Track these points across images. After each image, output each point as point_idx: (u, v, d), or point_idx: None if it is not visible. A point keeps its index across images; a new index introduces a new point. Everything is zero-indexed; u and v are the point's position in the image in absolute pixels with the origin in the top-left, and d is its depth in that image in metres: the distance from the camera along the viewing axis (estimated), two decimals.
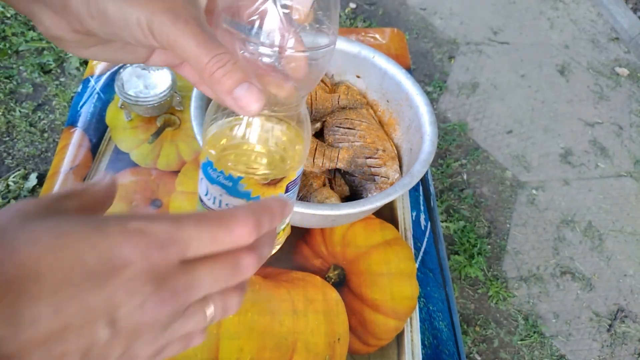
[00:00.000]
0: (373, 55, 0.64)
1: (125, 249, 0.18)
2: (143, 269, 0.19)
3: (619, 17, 2.24)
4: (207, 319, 0.22)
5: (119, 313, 0.18)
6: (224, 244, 0.21)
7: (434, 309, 0.57)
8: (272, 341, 0.52)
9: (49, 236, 0.17)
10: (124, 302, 0.18)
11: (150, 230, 0.19)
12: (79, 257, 0.17)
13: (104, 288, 0.18)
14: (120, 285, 0.18)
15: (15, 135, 1.48)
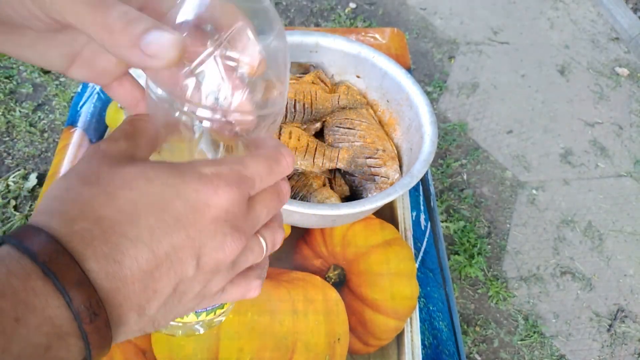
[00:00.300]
0: (373, 55, 0.64)
1: (204, 194, 0.20)
2: (221, 211, 0.20)
3: (619, 17, 2.24)
4: (263, 251, 0.24)
5: (203, 252, 0.20)
6: (277, 174, 0.24)
7: (434, 309, 0.57)
8: (272, 341, 0.52)
9: (139, 182, 0.19)
10: (207, 243, 0.20)
11: (222, 173, 0.21)
12: (167, 203, 0.19)
13: (190, 230, 0.19)
14: (204, 227, 0.20)
15: (15, 135, 1.48)
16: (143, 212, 0.19)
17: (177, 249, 0.19)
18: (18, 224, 1.28)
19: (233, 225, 0.21)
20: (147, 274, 0.19)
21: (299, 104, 0.61)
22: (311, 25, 1.98)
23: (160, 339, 0.51)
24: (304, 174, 0.58)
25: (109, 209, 0.18)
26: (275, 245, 0.25)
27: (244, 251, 0.23)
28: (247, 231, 0.22)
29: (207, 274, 0.21)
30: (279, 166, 0.24)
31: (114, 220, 0.18)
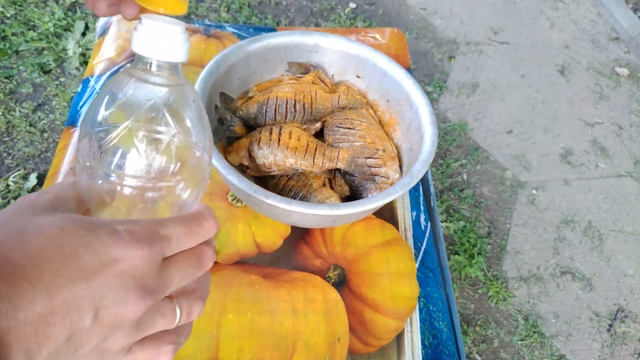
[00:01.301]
0: (373, 55, 0.64)
1: (115, 248, 0.20)
2: (128, 266, 0.21)
3: (619, 17, 2.24)
4: (175, 318, 0.24)
5: (103, 304, 0.20)
6: (198, 236, 0.24)
7: (434, 309, 0.57)
8: (272, 341, 0.52)
9: (52, 231, 0.20)
10: (108, 296, 0.20)
11: (136, 231, 0.21)
12: (74, 252, 0.20)
13: (92, 282, 0.20)
14: (108, 280, 0.20)
15: (15, 135, 1.48)
16: (49, 258, 0.19)
17: (76, 298, 0.19)
18: None
19: (139, 282, 0.21)
20: (41, 318, 0.18)
21: (299, 104, 0.61)
22: (311, 25, 1.98)
23: None
24: (304, 174, 0.58)
25: (16, 252, 0.19)
26: (190, 315, 0.25)
27: (152, 313, 0.22)
28: (156, 292, 0.22)
29: (106, 328, 0.21)
30: (200, 228, 0.24)
31: (18, 263, 0.19)
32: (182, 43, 0.25)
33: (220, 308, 0.53)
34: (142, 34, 0.24)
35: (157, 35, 0.24)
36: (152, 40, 0.24)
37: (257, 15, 1.97)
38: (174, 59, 0.25)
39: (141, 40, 0.24)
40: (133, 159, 0.23)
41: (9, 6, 1.77)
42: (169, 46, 0.24)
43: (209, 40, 0.82)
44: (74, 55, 1.66)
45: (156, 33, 0.24)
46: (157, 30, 0.24)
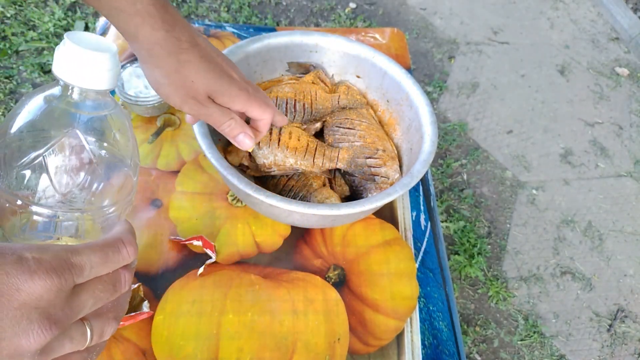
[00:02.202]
0: (373, 55, 0.64)
1: (17, 278, 0.19)
2: (32, 297, 0.19)
3: (619, 17, 2.24)
4: (86, 340, 0.23)
5: (2, 336, 0.19)
6: (114, 263, 0.23)
7: (434, 309, 0.57)
8: (272, 341, 0.52)
9: None
10: (7, 328, 0.19)
11: (44, 259, 0.20)
12: None
13: None
14: (8, 311, 0.19)
15: None
16: None
17: None
18: None
19: (43, 313, 0.20)
20: None
21: (299, 104, 0.61)
22: (311, 25, 1.98)
23: (160, 338, 0.51)
24: (304, 174, 0.58)
25: None
26: (102, 336, 0.24)
27: (60, 338, 0.22)
28: (63, 320, 0.21)
29: (5, 358, 0.20)
30: (117, 255, 0.23)
31: None
32: (108, 70, 0.23)
33: (220, 308, 0.53)
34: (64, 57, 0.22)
35: (80, 61, 0.22)
36: (74, 66, 0.22)
37: (257, 15, 1.97)
38: (98, 87, 0.23)
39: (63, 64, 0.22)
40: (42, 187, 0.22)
41: (9, 6, 1.77)
42: (93, 73, 0.22)
43: (209, 40, 0.82)
44: None
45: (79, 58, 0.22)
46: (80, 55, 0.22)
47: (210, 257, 0.57)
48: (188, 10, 1.90)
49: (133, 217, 0.60)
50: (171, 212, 0.61)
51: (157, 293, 0.54)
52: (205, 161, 0.66)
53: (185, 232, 0.59)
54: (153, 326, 0.51)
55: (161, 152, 0.67)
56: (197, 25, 0.85)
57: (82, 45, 0.22)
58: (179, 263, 0.57)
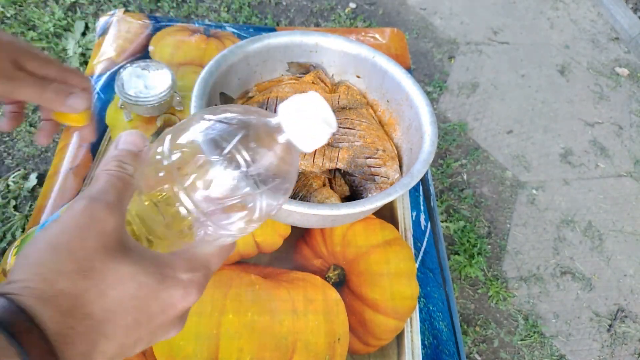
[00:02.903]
0: (373, 55, 0.64)
1: (176, 298, 0.23)
2: (183, 310, 0.24)
3: (619, 17, 2.24)
4: None
5: (154, 341, 0.23)
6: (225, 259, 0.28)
7: (434, 309, 0.57)
8: (272, 341, 0.52)
9: (130, 285, 0.21)
10: (160, 336, 0.24)
11: (195, 280, 0.24)
12: (146, 305, 0.22)
13: (154, 326, 0.23)
14: (165, 324, 0.23)
15: (15, 135, 1.48)
16: (125, 311, 0.21)
17: (138, 341, 0.22)
18: (18, 224, 1.28)
19: (183, 317, 0.25)
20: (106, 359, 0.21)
21: None
22: (311, 25, 1.98)
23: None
24: (304, 174, 0.58)
25: (97, 306, 0.20)
26: None
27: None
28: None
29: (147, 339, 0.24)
30: (229, 252, 0.27)
31: (98, 319, 0.20)
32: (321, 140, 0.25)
33: (220, 308, 0.53)
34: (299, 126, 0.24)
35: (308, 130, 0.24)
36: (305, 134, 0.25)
37: (257, 15, 1.97)
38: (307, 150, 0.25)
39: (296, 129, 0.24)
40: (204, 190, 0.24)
41: (9, 6, 1.77)
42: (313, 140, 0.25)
43: (209, 40, 0.82)
44: (74, 55, 1.66)
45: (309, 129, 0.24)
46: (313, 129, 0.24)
47: None
48: (188, 10, 1.90)
49: None
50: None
51: None
52: None
53: None
54: None
55: None
56: (197, 25, 0.85)
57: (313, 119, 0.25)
58: None
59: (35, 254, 0.20)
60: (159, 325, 0.23)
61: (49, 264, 0.20)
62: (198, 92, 0.54)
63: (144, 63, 0.69)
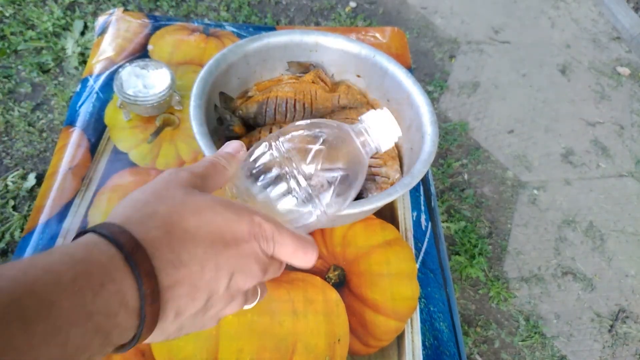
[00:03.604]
0: (374, 55, 0.63)
1: (248, 235, 0.26)
2: (254, 250, 0.26)
3: (620, 17, 2.24)
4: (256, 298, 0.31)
5: (235, 275, 0.25)
6: (294, 258, 0.28)
7: (434, 310, 0.57)
8: (272, 342, 0.51)
9: (207, 213, 0.25)
10: (239, 269, 0.25)
11: (264, 227, 0.26)
12: (222, 233, 0.25)
13: (231, 253, 0.25)
14: (242, 256, 0.25)
15: (13, 135, 1.47)
16: (203, 236, 0.24)
17: (219, 268, 0.24)
18: (17, 224, 1.28)
19: (259, 266, 0.26)
20: (193, 283, 0.23)
21: (299, 104, 0.61)
22: (311, 24, 1.97)
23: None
24: None
25: (177, 227, 0.23)
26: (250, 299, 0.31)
27: (254, 290, 0.29)
28: (265, 277, 0.27)
29: (230, 296, 0.26)
30: (303, 256, 0.28)
31: (179, 237, 0.23)
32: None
33: None
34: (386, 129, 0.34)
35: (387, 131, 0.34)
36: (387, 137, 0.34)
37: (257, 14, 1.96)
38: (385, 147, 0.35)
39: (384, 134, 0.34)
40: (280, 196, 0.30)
41: (8, 5, 1.76)
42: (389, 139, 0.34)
43: (209, 39, 0.82)
44: (73, 54, 1.66)
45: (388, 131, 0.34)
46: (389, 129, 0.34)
47: None
48: (187, 9, 1.90)
49: None
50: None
51: None
52: None
53: None
54: None
55: (160, 152, 0.67)
56: (196, 24, 0.85)
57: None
58: None
59: (124, 202, 0.24)
60: (238, 257, 0.25)
61: (134, 201, 0.24)
62: (197, 91, 0.54)
63: (143, 62, 0.68)
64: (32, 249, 0.57)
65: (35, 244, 0.57)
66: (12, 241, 1.25)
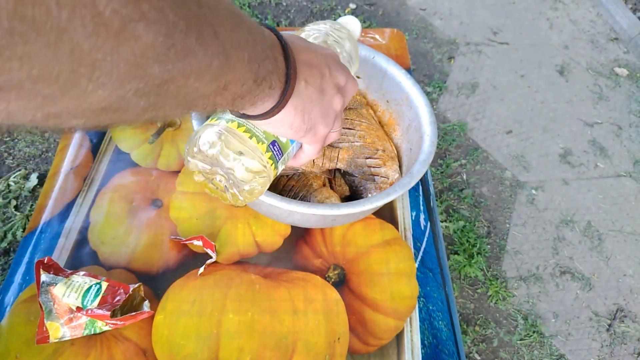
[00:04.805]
0: (373, 56, 0.64)
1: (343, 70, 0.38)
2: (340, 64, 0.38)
3: (619, 18, 2.25)
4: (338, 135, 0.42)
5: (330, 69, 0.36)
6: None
7: (433, 309, 0.58)
8: (272, 341, 0.52)
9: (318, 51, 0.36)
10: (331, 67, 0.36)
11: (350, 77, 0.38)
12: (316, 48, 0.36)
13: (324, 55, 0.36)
14: (330, 60, 0.36)
15: (16, 135, 1.48)
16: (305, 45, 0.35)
17: (320, 59, 0.35)
18: (19, 224, 1.28)
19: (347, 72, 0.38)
20: (308, 64, 0.33)
21: None
22: None
23: (161, 338, 0.51)
24: (304, 174, 0.59)
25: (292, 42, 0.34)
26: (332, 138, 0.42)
27: (338, 116, 0.39)
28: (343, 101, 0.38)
29: (334, 86, 0.36)
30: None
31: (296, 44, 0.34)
32: None
33: (221, 307, 0.53)
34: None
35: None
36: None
37: (257, 15, 1.97)
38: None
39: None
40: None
41: None
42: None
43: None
44: None
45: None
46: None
47: (211, 256, 0.57)
48: None
49: (133, 217, 0.60)
50: (172, 212, 0.61)
51: (157, 293, 0.54)
52: None
53: (186, 232, 0.59)
54: (153, 326, 0.52)
55: (162, 152, 0.67)
56: None
57: None
58: (180, 263, 0.57)
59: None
60: (327, 57, 0.36)
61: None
62: None
63: None
64: (34, 248, 0.57)
65: (37, 243, 0.58)
66: (14, 241, 1.26)
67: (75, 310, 0.49)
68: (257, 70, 0.27)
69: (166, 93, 0.21)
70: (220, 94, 0.25)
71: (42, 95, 0.16)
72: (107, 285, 0.50)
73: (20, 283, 0.54)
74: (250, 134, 0.37)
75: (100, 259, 0.56)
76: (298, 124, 0.34)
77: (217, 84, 0.24)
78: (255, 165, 0.37)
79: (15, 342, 0.50)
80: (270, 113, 0.31)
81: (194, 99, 0.23)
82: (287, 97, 0.31)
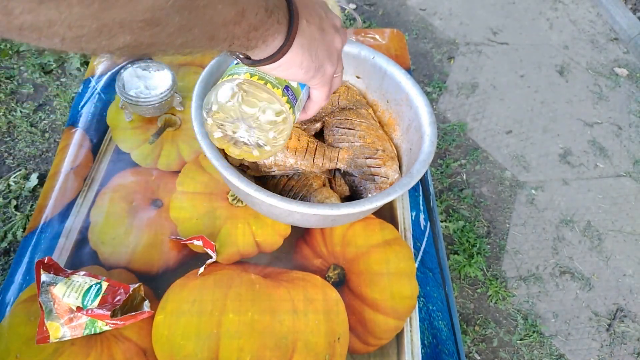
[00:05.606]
0: (373, 56, 0.64)
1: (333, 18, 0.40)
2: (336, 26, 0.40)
3: (618, 18, 2.25)
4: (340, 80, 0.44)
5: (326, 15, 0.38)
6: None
7: (433, 309, 0.58)
8: (272, 341, 0.52)
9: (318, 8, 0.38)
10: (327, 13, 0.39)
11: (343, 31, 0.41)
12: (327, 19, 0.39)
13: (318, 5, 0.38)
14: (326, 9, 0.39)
15: (16, 135, 1.48)
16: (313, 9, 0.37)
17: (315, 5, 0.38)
18: (19, 224, 1.29)
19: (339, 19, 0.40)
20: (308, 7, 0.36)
21: None
22: None
23: (161, 338, 0.51)
24: (304, 174, 0.59)
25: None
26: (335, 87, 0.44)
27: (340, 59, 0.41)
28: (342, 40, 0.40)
29: (332, 26, 0.38)
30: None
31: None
32: None
33: (221, 307, 0.53)
34: None
35: None
36: None
37: None
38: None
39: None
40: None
41: None
42: None
43: None
44: (75, 55, 1.66)
45: None
46: None
47: (211, 256, 0.57)
48: None
49: (133, 217, 0.61)
50: (172, 212, 0.61)
51: (157, 293, 0.54)
52: (205, 161, 0.67)
53: (186, 232, 0.59)
54: (154, 326, 0.52)
55: (162, 152, 0.68)
56: None
57: None
58: (180, 263, 0.57)
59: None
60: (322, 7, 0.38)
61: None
62: (199, 92, 0.54)
63: (145, 64, 0.69)
64: (34, 248, 0.58)
65: (38, 243, 0.58)
66: (14, 241, 1.26)
67: (76, 310, 0.49)
68: (267, 0, 0.30)
69: (197, 10, 0.24)
70: (238, 22, 0.28)
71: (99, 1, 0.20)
72: (107, 285, 0.50)
73: (21, 283, 0.55)
74: (264, 80, 0.39)
75: (100, 259, 0.57)
76: (307, 63, 0.36)
77: (236, 9, 0.27)
78: (277, 108, 0.39)
79: (15, 341, 0.50)
80: (280, 52, 0.33)
81: (217, 26, 0.27)
82: (294, 33, 0.33)
